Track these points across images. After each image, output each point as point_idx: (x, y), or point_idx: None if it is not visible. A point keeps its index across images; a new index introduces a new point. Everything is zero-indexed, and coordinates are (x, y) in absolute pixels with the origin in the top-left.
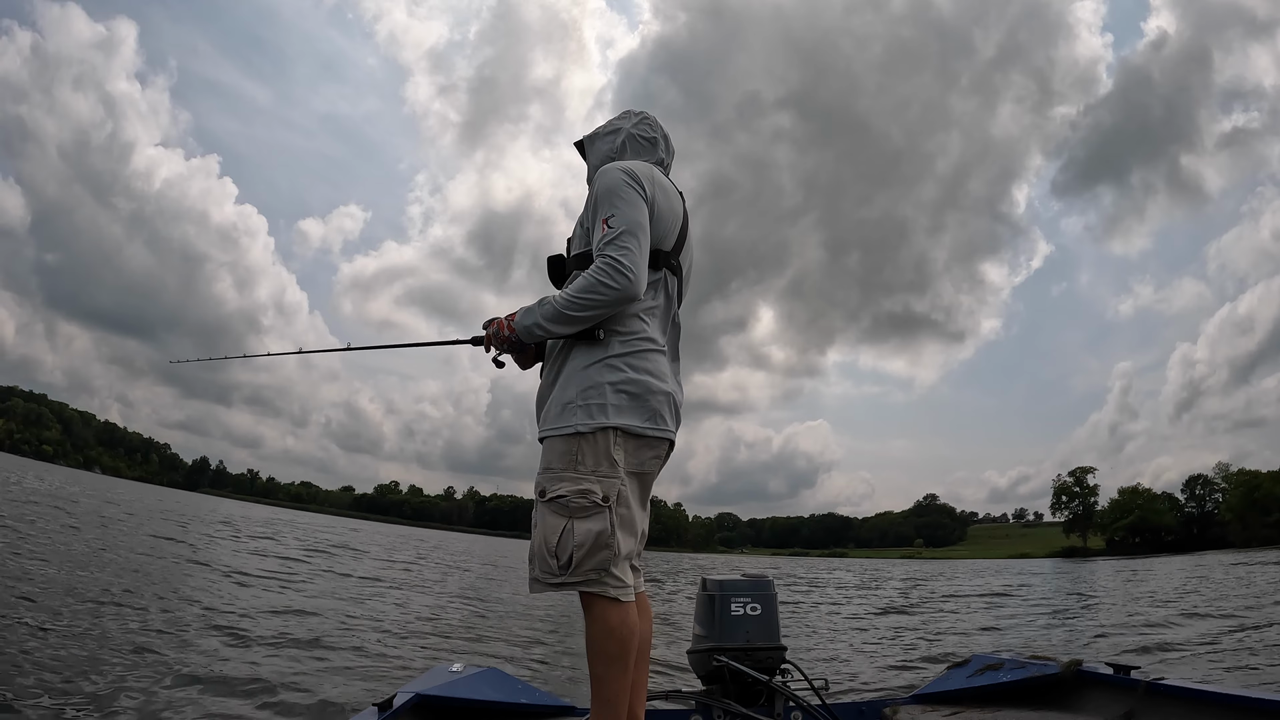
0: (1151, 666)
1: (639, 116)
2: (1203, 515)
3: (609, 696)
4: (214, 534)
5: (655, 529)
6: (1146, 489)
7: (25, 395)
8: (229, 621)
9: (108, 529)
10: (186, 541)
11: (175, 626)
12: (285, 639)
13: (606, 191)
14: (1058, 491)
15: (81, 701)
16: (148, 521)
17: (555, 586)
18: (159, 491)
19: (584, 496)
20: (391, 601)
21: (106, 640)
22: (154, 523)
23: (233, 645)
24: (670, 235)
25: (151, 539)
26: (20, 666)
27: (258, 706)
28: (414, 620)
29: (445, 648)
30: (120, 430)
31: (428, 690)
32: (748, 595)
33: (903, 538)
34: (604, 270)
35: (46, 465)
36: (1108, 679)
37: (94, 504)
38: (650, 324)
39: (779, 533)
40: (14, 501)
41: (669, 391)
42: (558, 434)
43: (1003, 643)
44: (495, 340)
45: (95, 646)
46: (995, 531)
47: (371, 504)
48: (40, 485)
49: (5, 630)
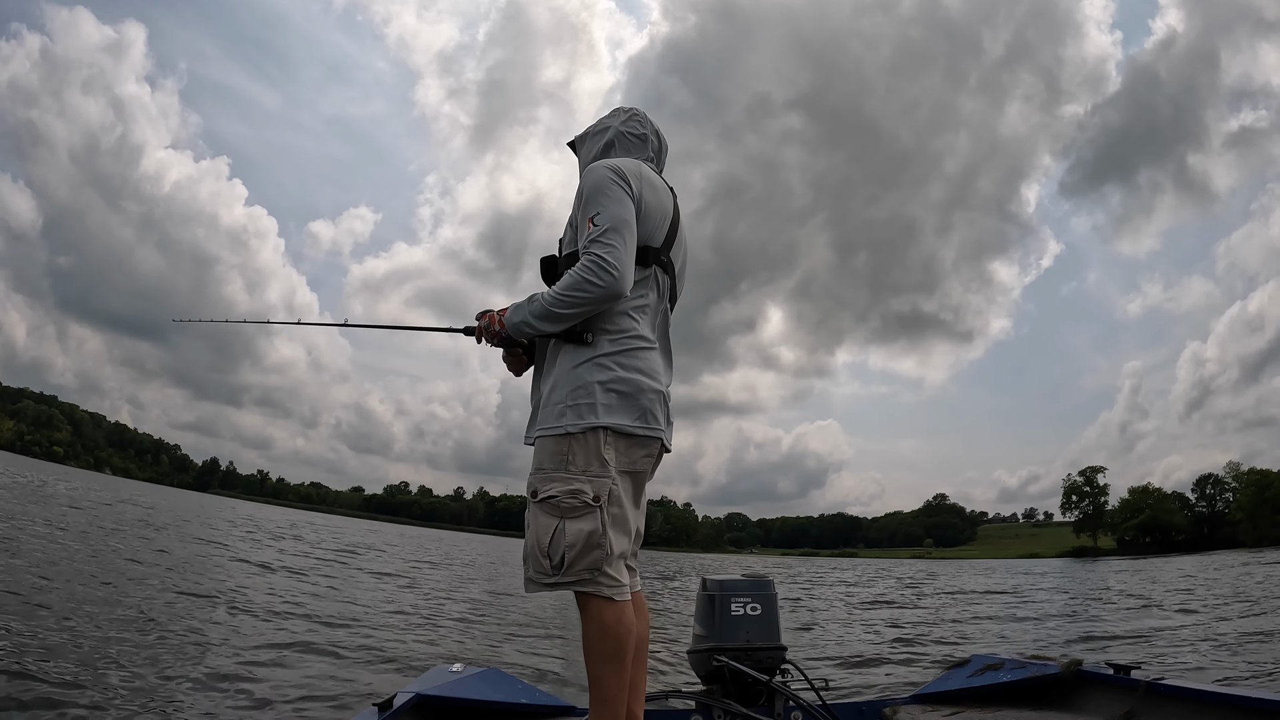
0: (1152, 666)
1: (628, 114)
2: (1213, 515)
3: (607, 696)
4: (243, 535)
5: (665, 529)
6: (1157, 488)
7: (36, 397)
8: (235, 622)
9: (162, 532)
10: (226, 543)
11: (185, 627)
12: (286, 639)
13: (592, 189)
14: (1068, 491)
15: (77, 695)
16: (192, 526)
17: (549, 587)
18: (172, 493)
19: (575, 496)
20: (402, 601)
21: (113, 640)
22: (196, 527)
23: (234, 645)
24: (660, 231)
25: (207, 544)
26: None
27: (257, 706)
28: (416, 620)
29: (445, 648)
30: (130, 431)
31: (428, 690)
32: (748, 595)
33: (912, 538)
34: (589, 268)
35: (60, 467)
36: (1108, 679)
37: (138, 511)
38: (641, 321)
39: (788, 533)
40: (68, 506)
41: (661, 389)
42: (548, 434)
43: (1003, 643)
44: (486, 334)
45: (98, 647)
46: (1005, 531)
47: (381, 505)
48: (72, 491)
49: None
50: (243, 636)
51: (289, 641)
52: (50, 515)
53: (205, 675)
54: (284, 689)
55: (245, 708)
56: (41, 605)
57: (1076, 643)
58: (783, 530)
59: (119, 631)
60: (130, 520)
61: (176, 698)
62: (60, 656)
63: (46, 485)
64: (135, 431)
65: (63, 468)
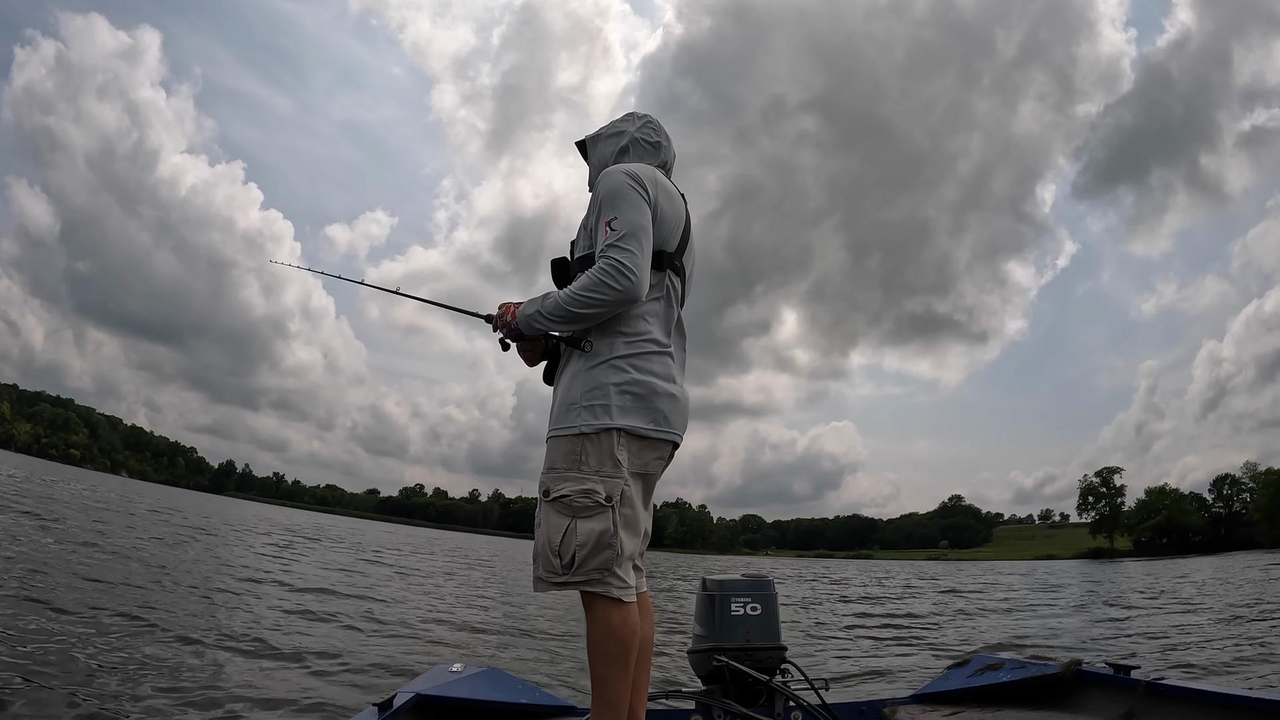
0: (1152, 666)
1: (643, 120)
2: (1230, 515)
3: (609, 696)
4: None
5: (680, 531)
6: (1174, 489)
7: (53, 400)
8: (242, 622)
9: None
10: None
11: (185, 627)
12: (288, 640)
13: (610, 194)
14: (1084, 492)
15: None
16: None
17: (558, 586)
18: (190, 495)
19: (587, 496)
20: (404, 602)
21: (114, 640)
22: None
23: (236, 644)
24: (673, 237)
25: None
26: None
27: (258, 706)
28: (417, 620)
29: (445, 647)
30: (147, 434)
31: (428, 690)
32: (748, 595)
33: (928, 539)
34: (606, 271)
35: (81, 470)
36: (1108, 679)
37: (190, 519)
38: (655, 325)
39: (803, 534)
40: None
41: (673, 393)
42: (562, 434)
43: (1003, 642)
44: (499, 323)
45: (96, 648)
46: (1021, 533)
47: (396, 506)
48: (113, 496)
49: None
50: (244, 636)
51: (289, 642)
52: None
53: (205, 675)
54: (284, 689)
55: (245, 708)
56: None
57: (1091, 642)
58: (798, 532)
59: (121, 631)
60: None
61: (176, 698)
62: (58, 656)
63: (100, 492)
64: (151, 434)
65: (79, 470)
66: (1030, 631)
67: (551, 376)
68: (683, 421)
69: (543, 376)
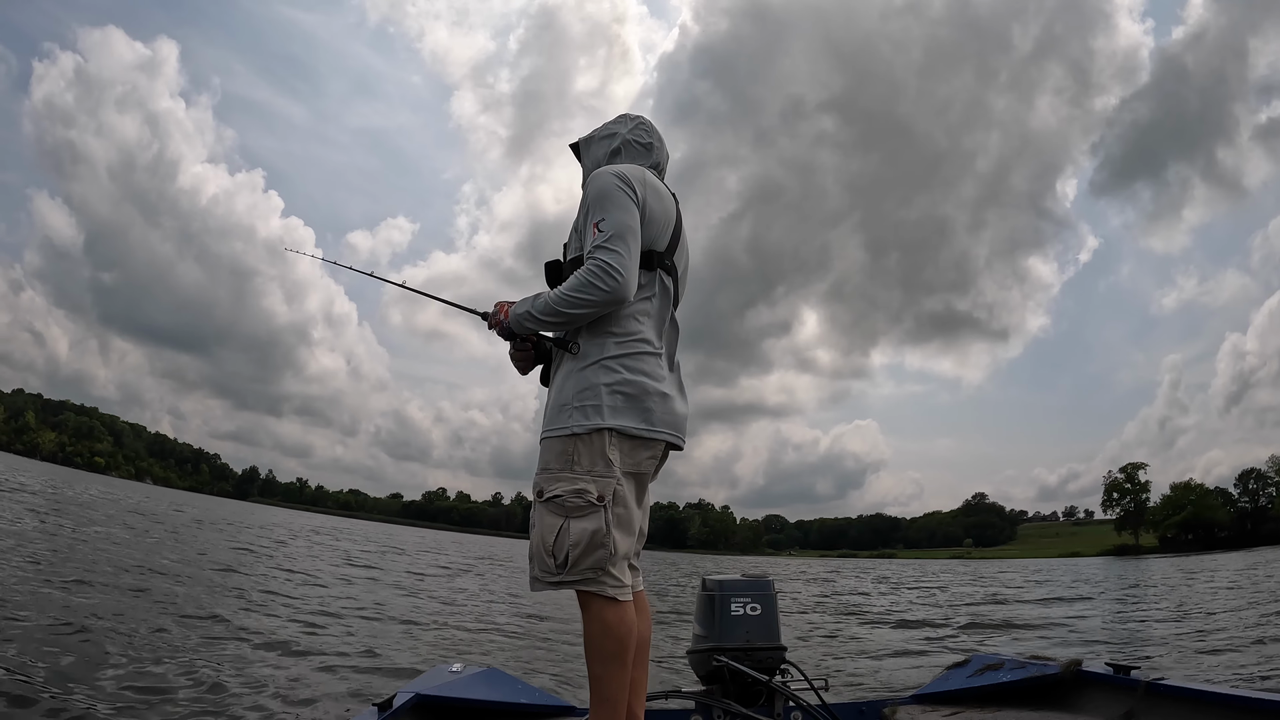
0: (1153, 667)
1: (635, 121)
2: (1256, 510)
3: (608, 695)
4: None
5: (703, 532)
6: (1199, 484)
7: (77, 409)
8: (251, 623)
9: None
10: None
11: (187, 627)
12: (287, 639)
13: (598, 195)
14: (1109, 489)
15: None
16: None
17: (554, 585)
18: (219, 502)
19: (579, 496)
20: (407, 603)
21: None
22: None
23: (237, 645)
24: (663, 237)
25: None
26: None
27: (257, 706)
28: (419, 620)
29: (446, 647)
30: (171, 441)
31: (427, 690)
32: (747, 595)
33: (951, 538)
34: (594, 272)
35: (103, 477)
36: (1108, 679)
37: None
38: (645, 325)
39: (827, 534)
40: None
41: (664, 393)
42: (554, 435)
43: (1004, 642)
44: (494, 322)
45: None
46: (1045, 530)
47: (419, 510)
48: (159, 506)
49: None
50: (244, 637)
51: (289, 642)
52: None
53: (205, 675)
54: (284, 688)
55: (245, 707)
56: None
57: (1091, 644)
58: (821, 532)
59: (126, 630)
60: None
61: (176, 696)
62: (59, 656)
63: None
64: (175, 441)
65: (105, 478)
66: (1048, 631)
67: (547, 378)
68: (674, 420)
69: (540, 379)
